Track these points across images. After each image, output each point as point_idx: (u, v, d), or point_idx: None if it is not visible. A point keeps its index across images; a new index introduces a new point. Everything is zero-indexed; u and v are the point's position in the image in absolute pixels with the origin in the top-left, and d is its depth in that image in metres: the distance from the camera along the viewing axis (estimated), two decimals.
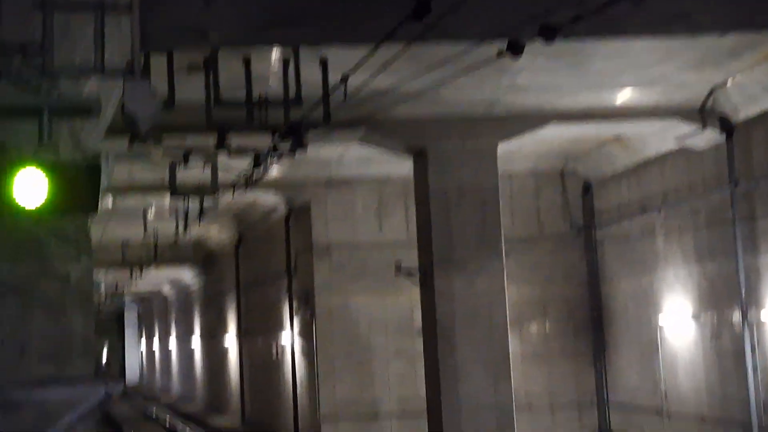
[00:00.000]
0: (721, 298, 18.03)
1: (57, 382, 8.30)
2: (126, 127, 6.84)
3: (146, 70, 12.30)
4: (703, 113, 17.22)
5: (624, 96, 16.74)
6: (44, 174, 5.87)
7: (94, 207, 6.05)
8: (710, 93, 16.66)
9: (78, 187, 5.95)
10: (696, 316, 18.95)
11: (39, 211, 5.93)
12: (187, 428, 33.34)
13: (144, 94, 6.29)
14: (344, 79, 10.86)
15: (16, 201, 5.88)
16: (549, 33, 8.29)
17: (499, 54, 8.94)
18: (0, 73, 6.08)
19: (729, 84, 16.22)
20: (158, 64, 12.54)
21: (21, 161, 6.10)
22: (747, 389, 17.17)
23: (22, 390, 6.37)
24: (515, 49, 8.83)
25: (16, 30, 6.25)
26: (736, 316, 17.46)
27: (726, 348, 17.99)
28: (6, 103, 6.11)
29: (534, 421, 23.15)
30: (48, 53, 6.16)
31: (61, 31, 7.13)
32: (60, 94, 6.09)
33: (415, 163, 18.37)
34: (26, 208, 5.91)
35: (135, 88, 6.30)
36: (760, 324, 16.90)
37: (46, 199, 5.90)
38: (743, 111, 16.68)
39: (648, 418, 21.17)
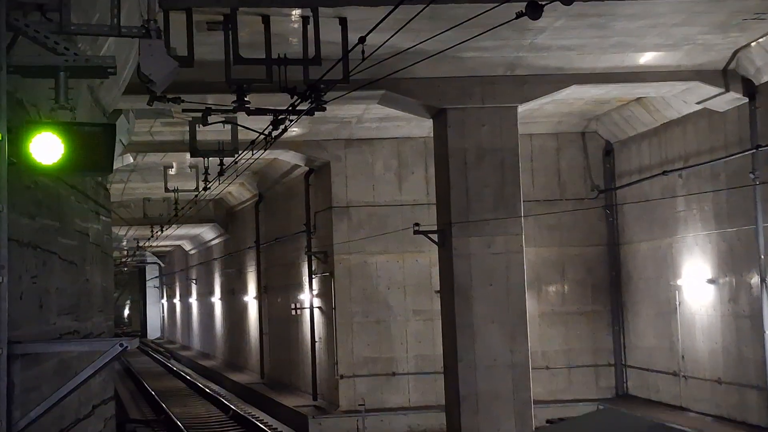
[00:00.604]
0: (740, 261, 18.01)
1: (74, 336, 8.43)
2: (143, 86, 6.88)
3: (166, 29, 12.32)
4: (726, 75, 17.12)
5: (646, 57, 16.64)
6: (60, 133, 5.93)
7: (109, 167, 6.11)
8: (733, 55, 16.55)
9: (93, 147, 6.01)
10: (714, 279, 18.95)
11: (54, 169, 6.00)
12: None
13: (159, 55, 6.32)
14: (362, 40, 10.82)
15: (33, 157, 5.95)
16: None
17: (518, 15, 8.86)
18: (18, 32, 6.11)
19: (753, 46, 16.10)
20: (178, 21, 12.55)
21: (38, 119, 6.15)
22: (763, 352, 17.20)
23: (40, 344, 6.49)
24: (534, 10, 8.75)
25: None
26: (754, 280, 17.46)
27: (743, 311, 18.00)
28: (24, 62, 6.16)
29: (551, 381, 23.29)
30: (65, 12, 6.19)
31: None
32: (77, 53, 6.12)
33: (435, 123, 18.37)
34: (42, 164, 5.97)
35: (150, 48, 6.32)
36: None
37: (61, 158, 5.96)
38: (766, 73, 16.56)
39: (664, 380, 21.25)
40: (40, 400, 6.11)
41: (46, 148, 5.95)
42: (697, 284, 19.54)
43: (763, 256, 17.10)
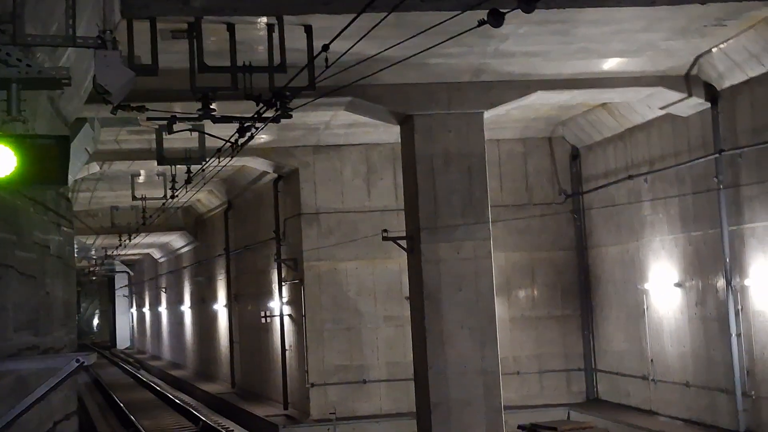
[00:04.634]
0: (706, 264, 18.10)
1: (33, 351, 8.30)
2: (100, 96, 6.80)
3: (130, 38, 12.23)
4: (688, 81, 17.23)
5: (610, 63, 16.71)
6: (12, 145, 5.84)
7: (64, 179, 6.02)
8: (695, 61, 16.66)
9: (47, 159, 5.91)
10: (681, 283, 19.03)
11: (6, 182, 5.90)
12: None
13: (115, 66, 6.24)
14: (325, 48, 10.79)
15: None
16: (528, 2, 8.23)
17: (480, 23, 8.85)
18: None
19: (714, 52, 16.20)
20: (142, 29, 12.46)
21: None
22: (731, 355, 17.29)
23: None
24: (495, 17, 8.74)
25: None
26: (721, 282, 17.55)
27: (710, 314, 18.09)
28: None
29: (522, 386, 23.31)
30: (19, 23, 6.10)
31: (37, 0, 7.05)
32: (30, 65, 6.03)
33: (402, 129, 18.36)
34: None
35: (106, 59, 6.24)
36: (743, 290, 16.99)
37: (14, 171, 5.86)
38: (728, 79, 16.68)
39: (634, 384, 21.31)
40: None
41: None
42: (664, 288, 19.62)
43: (728, 259, 17.20)
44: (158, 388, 36.56)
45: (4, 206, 7.57)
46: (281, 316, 25.52)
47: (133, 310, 70.54)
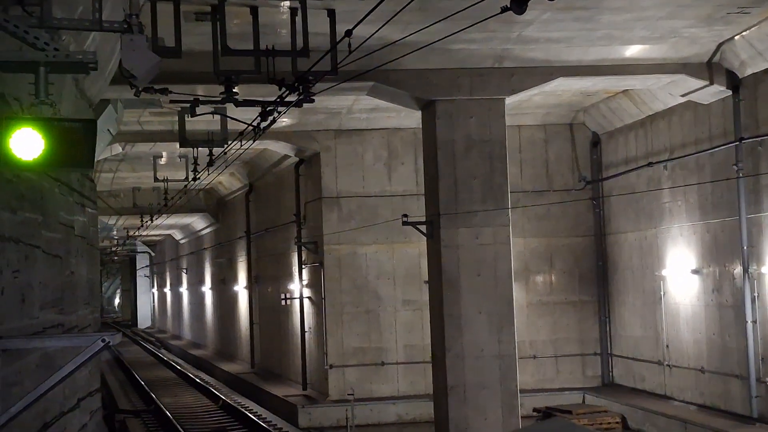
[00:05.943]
0: (723, 251, 18.13)
1: (58, 330, 8.45)
2: (126, 80, 6.90)
3: (154, 20, 12.33)
4: (711, 68, 17.21)
5: (633, 50, 16.72)
6: (40, 128, 5.94)
7: (90, 163, 6.11)
8: (718, 48, 16.64)
9: (74, 143, 6.00)
10: (698, 270, 19.06)
11: (35, 164, 6.00)
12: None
13: (141, 49, 6.33)
14: (348, 33, 10.84)
15: (13, 153, 5.95)
16: None
17: (503, 9, 8.88)
18: None
19: (737, 39, 16.17)
20: (166, 12, 12.54)
21: (19, 114, 6.14)
22: (746, 342, 17.33)
23: (20, 339, 6.49)
24: (518, 4, 8.77)
25: None
26: (738, 270, 17.57)
27: (726, 301, 18.12)
28: (3, 56, 6.16)
29: (538, 370, 23.40)
30: (46, 6, 6.20)
31: None
32: (57, 48, 6.13)
33: (424, 114, 18.41)
34: (23, 161, 5.98)
35: (132, 43, 6.34)
36: (760, 277, 17.01)
37: (41, 153, 5.96)
38: (750, 66, 16.65)
39: (649, 369, 21.37)
40: (22, 395, 6.12)
41: (27, 143, 5.95)
42: (681, 274, 19.65)
43: (746, 247, 17.21)
44: (179, 367, 36.84)
45: (31, 187, 7.70)
46: (301, 298, 25.67)
47: (154, 290, 70.94)
